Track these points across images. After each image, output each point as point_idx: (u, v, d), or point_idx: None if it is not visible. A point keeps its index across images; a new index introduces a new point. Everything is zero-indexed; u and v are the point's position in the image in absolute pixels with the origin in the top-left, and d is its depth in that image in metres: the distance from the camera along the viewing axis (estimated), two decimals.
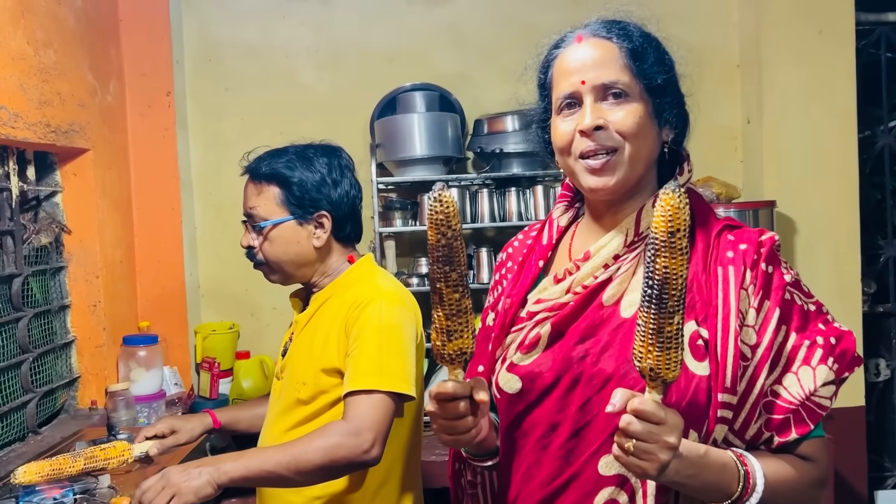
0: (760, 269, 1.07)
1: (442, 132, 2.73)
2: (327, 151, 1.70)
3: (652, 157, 1.14)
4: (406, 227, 2.79)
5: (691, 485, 0.99)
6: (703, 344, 1.05)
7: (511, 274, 1.28)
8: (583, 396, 1.08)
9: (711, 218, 1.14)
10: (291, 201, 1.63)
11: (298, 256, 1.67)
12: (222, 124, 2.98)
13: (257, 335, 2.98)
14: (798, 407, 1.06)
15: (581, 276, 1.13)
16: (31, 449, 2.12)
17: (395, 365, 1.55)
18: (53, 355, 2.39)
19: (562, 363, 1.10)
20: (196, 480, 1.43)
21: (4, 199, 2.13)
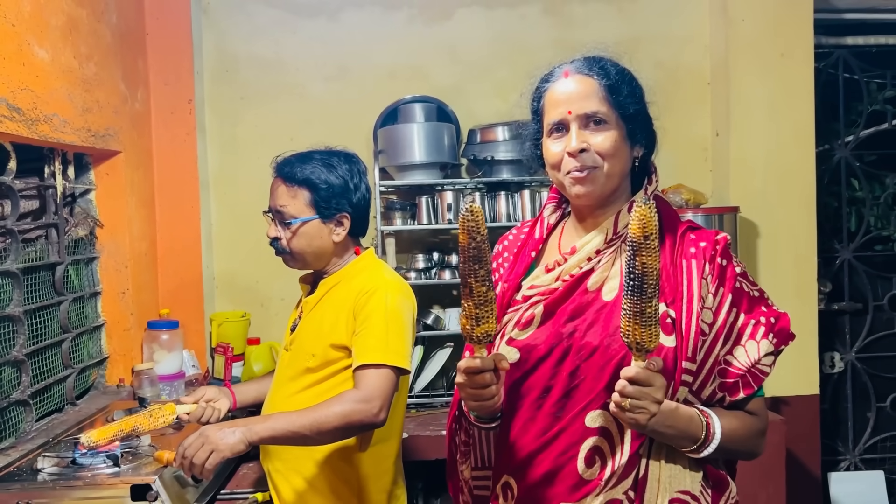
0: (717, 263, 1.34)
1: (439, 140, 3.01)
2: (348, 159, 1.97)
3: (625, 171, 1.38)
4: (405, 227, 3.06)
5: (667, 433, 1.25)
6: (670, 322, 1.29)
7: (507, 263, 1.51)
8: (572, 364, 1.31)
9: (676, 220, 1.41)
10: (320, 203, 1.89)
11: (319, 249, 1.93)
12: (237, 130, 3.24)
13: (267, 323, 3.24)
14: (745, 373, 1.32)
15: (568, 267, 1.37)
16: (70, 418, 2.37)
17: (398, 344, 1.83)
18: (86, 337, 2.65)
19: (554, 337, 1.33)
20: (231, 438, 1.68)
21: (50, 195, 2.39)
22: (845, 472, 3.50)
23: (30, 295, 2.26)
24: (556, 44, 3.21)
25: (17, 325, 2.15)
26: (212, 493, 2.03)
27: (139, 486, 1.74)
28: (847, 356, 3.55)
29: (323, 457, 1.88)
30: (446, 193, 3.01)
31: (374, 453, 1.91)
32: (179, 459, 1.69)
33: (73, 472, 1.80)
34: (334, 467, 1.87)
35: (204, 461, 1.66)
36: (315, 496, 1.88)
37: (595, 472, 1.30)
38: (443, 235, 3.29)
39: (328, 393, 1.82)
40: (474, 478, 1.49)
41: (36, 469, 1.81)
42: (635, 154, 1.39)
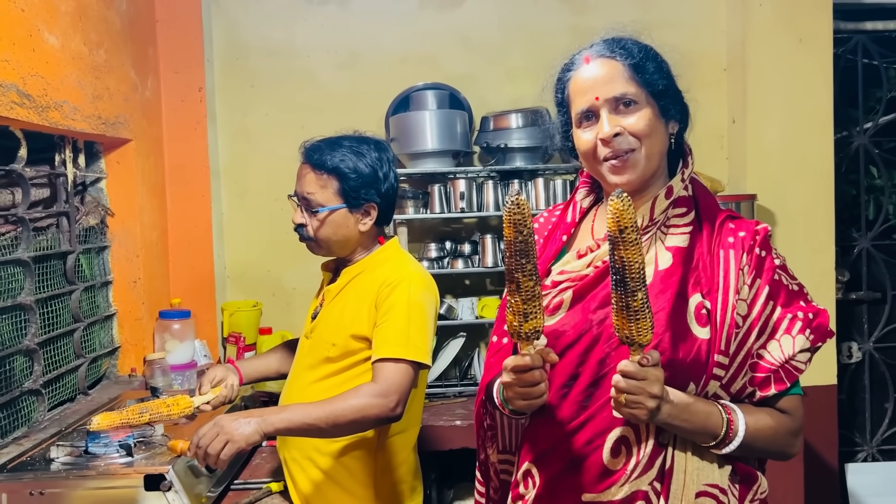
0: (755, 254, 1.29)
1: (451, 128, 2.97)
2: (378, 147, 1.92)
3: (663, 150, 1.33)
4: (417, 215, 3.03)
5: (682, 427, 1.22)
6: (705, 313, 1.26)
7: (537, 246, 1.42)
8: (602, 352, 1.28)
9: (715, 208, 1.36)
10: (348, 193, 1.86)
11: (345, 238, 1.90)
12: (248, 119, 3.21)
13: (278, 313, 3.22)
14: (778, 368, 1.27)
15: (601, 253, 1.32)
16: (82, 407, 2.36)
17: (419, 339, 1.80)
18: (98, 326, 2.63)
19: (583, 324, 1.30)
20: (246, 428, 1.66)
21: (61, 184, 2.37)
22: (863, 463, 3.47)
23: (41, 284, 2.24)
24: (570, 30, 3.17)
25: (29, 314, 2.14)
26: (226, 483, 2.02)
27: (153, 476, 1.72)
28: (865, 346, 3.50)
29: (339, 447, 1.86)
30: (459, 182, 2.98)
31: (391, 445, 1.89)
32: (194, 449, 1.67)
33: (86, 461, 1.79)
34: (351, 458, 1.85)
35: (219, 452, 1.64)
36: (331, 486, 1.86)
37: (620, 463, 1.27)
38: (455, 224, 3.26)
39: (347, 383, 1.80)
40: (500, 461, 1.48)
41: (49, 458, 1.80)
42: (671, 130, 1.34)
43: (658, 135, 1.31)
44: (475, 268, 3.01)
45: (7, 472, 1.74)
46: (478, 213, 3.00)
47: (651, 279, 1.26)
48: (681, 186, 1.34)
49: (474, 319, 3.04)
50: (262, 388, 2.59)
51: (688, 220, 1.32)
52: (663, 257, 1.29)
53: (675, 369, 1.23)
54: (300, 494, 1.89)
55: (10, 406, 2.05)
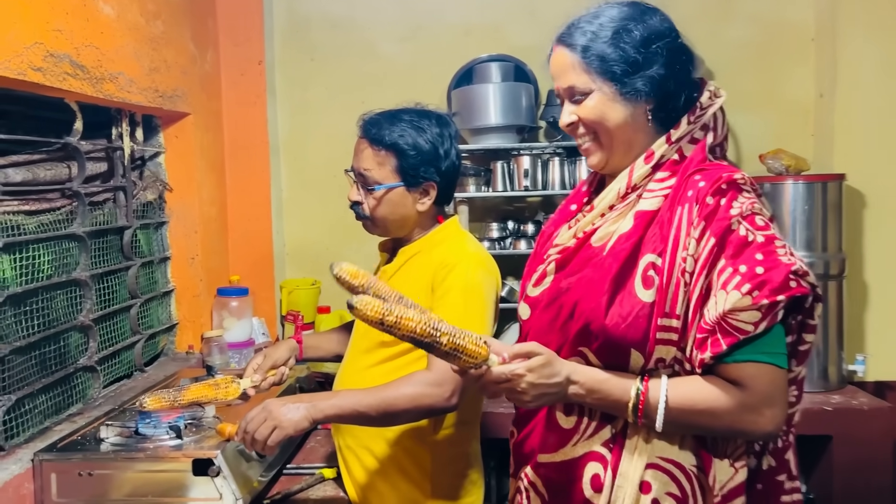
0: (704, 202, 1.18)
1: (516, 102, 2.84)
2: (440, 122, 1.81)
3: (635, 130, 1.27)
4: (479, 193, 2.92)
5: (596, 405, 1.24)
6: (653, 274, 1.20)
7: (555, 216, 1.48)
8: (562, 320, 1.28)
9: (693, 164, 1.25)
10: (407, 171, 1.75)
11: (402, 218, 1.81)
12: (308, 93, 3.15)
13: (337, 291, 3.07)
14: (713, 327, 1.15)
15: (583, 224, 1.32)
16: (138, 384, 2.34)
17: (477, 324, 1.69)
18: (155, 302, 2.61)
19: (553, 293, 1.31)
20: (295, 414, 1.59)
21: (118, 158, 2.34)
22: None
23: (97, 259, 2.22)
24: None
25: (84, 289, 2.11)
26: (278, 467, 1.96)
27: (201, 461, 1.67)
28: None
29: (395, 436, 1.77)
30: (523, 158, 2.85)
31: (450, 437, 1.79)
32: (241, 434, 1.61)
33: (135, 442, 1.75)
34: (407, 448, 1.77)
35: (266, 437, 1.58)
36: (386, 477, 1.78)
37: (572, 421, 1.29)
38: (518, 203, 3.14)
39: (403, 370, 1.71)
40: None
41: (99, 438, 1.77)
42: (647, 107, 1.26)
43: (617, 118, 1.27)
44: None
45: (57, 451, 1.72)
46: (542, 191, 2.87)
47: (606, 241, 1.26)
48: (664, 149, 1.27)
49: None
50: (319, 368, 2.53)
51: (667, 185, 1.26)
52: (626, 224, 1.25)
53: (609, 336, 1.21)
54: (354, 484, 1.82)
55: (66, 382, 2.03)
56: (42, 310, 1.93)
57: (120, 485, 1.68)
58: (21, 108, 2.11)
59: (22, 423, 1.82)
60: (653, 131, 1.29)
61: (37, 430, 1.88)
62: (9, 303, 1.79)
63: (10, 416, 1.77)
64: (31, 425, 1.86)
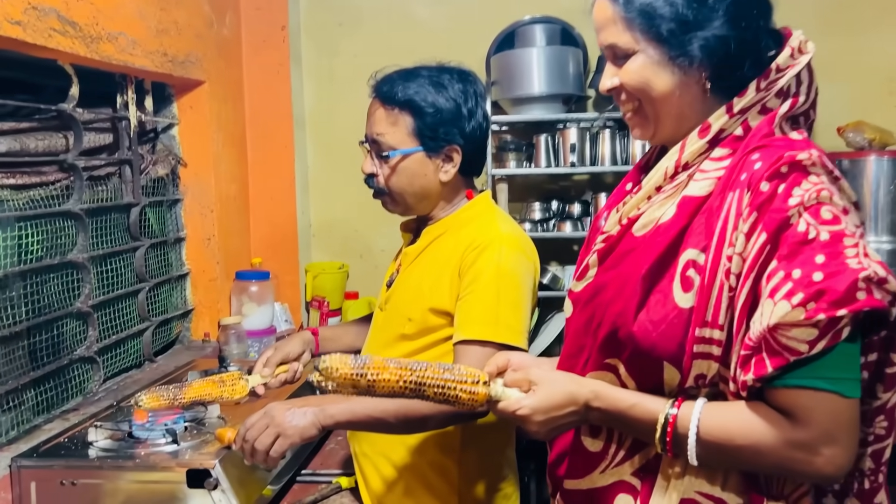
0: (758, 188, 0.95)
1: (563, 68, 2.57)
2: (463, 77, 1.57)
3: (683, 101, 1.06)
4: (520, 170, 2.66)
5: (624, 431, 1.07)
6: (693, 275, 0.99)
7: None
8: (596, 322, 1.10)
9: (755, 138, 1.00)
10: (424, 132, 1.52)
11: (423, 189, 1.57)
12: (335, 61, 2.92)
13: (366, 276, 2.95)
14: (758, 344, 0.92)
15: (627, 209, 1.11)
16: (146, 376, 2.15)
17: (511, 316, 1.46)
18: (169, 286, 2.42)
19: (592, 290, 1.13)
20: (301, 420, 1.38)
21: (123, 128, 2.13)
22: None
23: (99, 240, 2.02)
24: None
25: (82, 272, 1.92)
26: (290, 474, 1.75)
27: (197, 471, 1.46)
28: None
29: (418, 444, 1.54)
30: (570, 131, 2.59)
31: (482, 445, 1.56)
32: (240, 442, 1.40)
33: (127, 447, 1.54)
34: (432, 460, 1.54)
35: (268, 447, 1.37)
36: (407, 489, 1.55)
37: (599, 444, 1.12)
38: (563, 181, 2.87)
39: None
40: None
41: (87, 442, 1.57)
42: (702, 74, 1.03)
43: (664, 86, 1.05)
44: (586, 231, 2.61)
45: (38, 457, 1.52)
46: (591, 167, 2.60)
47: (649, 228, 1.06)
48: (723, 122, 1.03)
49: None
50: None
51: (724, 165, 1.02)
52: (668, 212, 1.04)
53: (638, 346, 1.02)
54: (372, 496, 1.59)
55: (60, 375, 1.84)
56: (31, 295, 1.73)
57: (107, 496, 1.47)
58: (18, 73, 1.92)
59: (5, 421, 1.64)
60: (712, 101, 1.05)
61: (24, 430, 1.69)
62: None
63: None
64: (17, 424, 1.68)
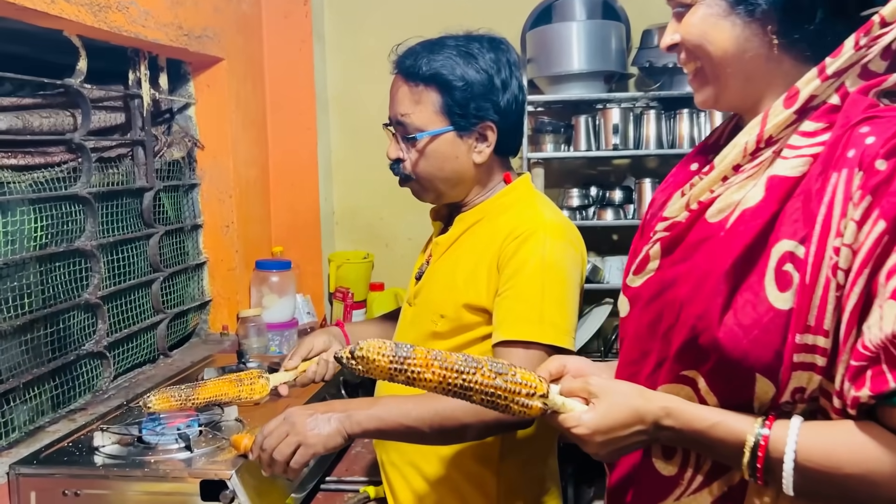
0: (872, 167, 0.79)
1: (604, 44, 2.40)
2: (494, 45, 1.40)
3: (748, 60, 0.92)
4: (558, 153, 2.49)
5: (702, 453, 0.93)
6: (791, 270, 0.83)
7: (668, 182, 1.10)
8: (666, 325, 0.95)
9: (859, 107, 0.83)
10: (454, 109, 1.35)
11: (455, 174, 1.41)
12: (361, 38, 2.76)
13: (392, 266, 2.80)
14: (876, 353, 0.77)
15: (698, 190, 0.95)
16: (160, 372, 2.02)
17: (557, 314, 1.30)
18: (185, 276, 2.29)
19: (656, 285, 0.98)
20: (325, 427, 1.24)
21: (136, 107, 1.99)
22: None
23: (112, 226, 1.89)
24: None
25: (91, 261, 1.78)
26: (314, 482, 1.61)
27: (211, 483, 1.32)
28: None
29: (452, 453, 1.39)
30: (611, 111, 2.41)
31: (523, 455, 1.40)
32: (257, 451, 1.26)
33: (136, 454, 1.41)
34: (468, 471, 1.38)
35: (288, 458, 1.22)
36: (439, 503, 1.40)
37: (674, 467, 0.97)
38: (602, 166, 2.70)
39: None
40: None
41: (93, 447, 1.43)
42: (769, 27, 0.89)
43: (723, 42, 0.92)
44: (628, 219, 2.45)
45: (38, 464, 1.38)
46: (635, 150, 2.43)
47: (726, 213, 0.90)
48: (814, 87, 0.86)
49: None
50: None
51: (819, 141, 0.86)
52: (755, 193, 0.89)
53: (725, 355, 0.86)
54: None
55: (66, 372, 1.71)
56: (35, 286, 1.60)
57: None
58: (22, 48, 1.79)
59: (6, 422, 1.50)
60: (784, 60, 0.90)
61: (26, 431, 1.56)
62: None
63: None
64: (19, 425, 1.55)
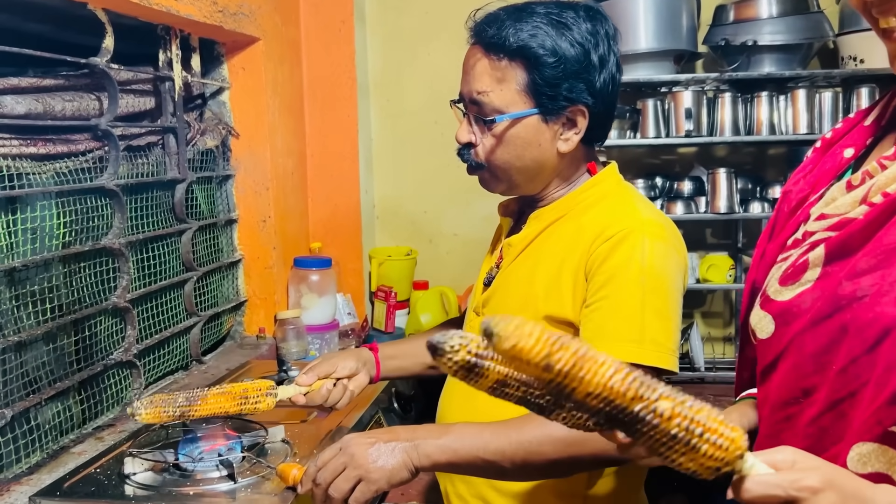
0: None
1: (675, 19, 2.18)
2: (591, 14, 1.20)
3: None
4: (623, 140, 2.28)
5: None
6: None
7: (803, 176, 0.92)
8: (848, 354, 0.75)
9: None
10: (542, 89, 1.17)
11: (535, 163, 1.22)
12: (404, 19, 2.57)
13: (436, 264, 2.62)
14: None
15: (884, 180, 0.77)
16: (194, 380, 1.85)
17: (660, 330, 1.13)
18: (219, 275, 2.11)
19: (829, 301, 0.78)
20: (388, 460, 1.07)
21: (167, 91, 1.81)
22: None
23: (141, 222, 1.72)
24: None
25: (120, 261, 1.61)
26: None
27: None
28: None
29: (530, 489, 1.21)
30: (683, 94, 2.20)
31: (611, 487, 1.22)
32: (309, 485, 1.09)
33: (171, 483, 1.23)
34: None
35: (346, 494, 1.08)
36: None
37: None
38: (666, 155, 2.49)
39: None
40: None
41: (123, 474, 1.26)
42: None
43: None
44: (702, 213, 2.24)
45: (62, 496, 1.21)
46: (708, 137, 2.21)
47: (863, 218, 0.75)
48: None
49: (694, 283, 2.28)
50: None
51: None
52: None
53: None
54: None
55: (92, 384, 1.54)
56: (57, 289, 1.43)
57: None
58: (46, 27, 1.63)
59: (26, 443, 1.34)
60: None
61: (49, 453, 1.39)
62: (4, 281, 1.30)
63: (11, 434, 1.29)
64: (41, 446, 1.38)
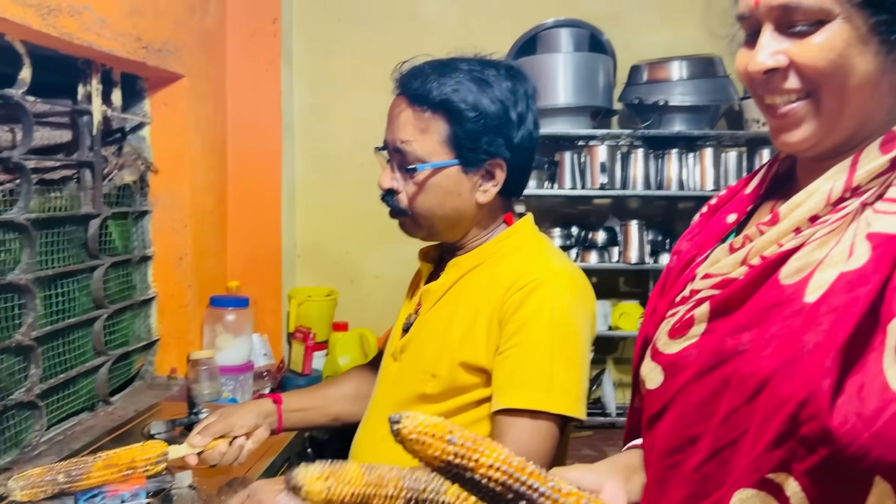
0: None
1: (591, 77, 2.29)
2: (511, 73, 1.27)
3: (879, 94, 0.78)
4: (541, 191, 2.35)
5: None
6: None
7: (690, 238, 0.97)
8: (730, 405, 0.79)
9: None
10: (463, 142, 1.22)
11: (455, 212, 1.26)
12: (332, 62, 2.60)
13: (357, 305, 2.62)
14: None
15: (762, 244, 0.82)
16: (99, 422, 1.79)
17: (568, 378, 1.18)
18: (131, 313, 2.06)
19: (711, 356, 0.82)
20: None
21: (85, 124, 1.78)
22: None
23: (51, 257, 1.67)
24: None
25: (26, 297, 1.56)
26: None
27: None
28: None
29: None
30: (598, 149, 2.29)
31: None
32: None
33: None
34: None
35: None
36: None
37: None
38: (583, 205, 2.58)
39: None
40: None
41: None
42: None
43: (865, 71, 0.76)
44: (615, 263, 2.32)
45: None
46: (621, 190, 2.30)
47: (825, 289, 0.74)
48: None
49: (606, 330, 2.36)
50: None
51: None
52: (858, 252, 0.75)
53: (838, 449, 0.69)
54: None
55: None
56: None
57: None
58: None
59: None
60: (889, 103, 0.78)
61: None
62: None
63: None
64: None
